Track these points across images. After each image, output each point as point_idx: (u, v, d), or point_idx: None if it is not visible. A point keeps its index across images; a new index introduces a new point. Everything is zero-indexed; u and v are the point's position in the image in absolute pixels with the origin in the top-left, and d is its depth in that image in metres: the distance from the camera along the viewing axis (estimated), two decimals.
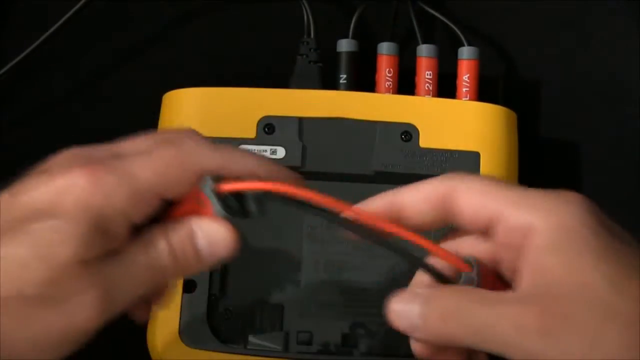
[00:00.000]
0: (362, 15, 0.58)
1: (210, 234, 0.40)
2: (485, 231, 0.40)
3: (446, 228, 0.42)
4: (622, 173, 0.60)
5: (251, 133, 0.54)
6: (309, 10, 0.58)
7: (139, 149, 0.39)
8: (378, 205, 0.41)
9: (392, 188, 0.53)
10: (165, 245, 0.39)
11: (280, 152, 0.53)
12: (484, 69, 0.58)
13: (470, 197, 0.39)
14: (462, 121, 0.54)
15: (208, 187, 0.39)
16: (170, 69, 0.61)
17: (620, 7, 0.61)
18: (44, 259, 0.36)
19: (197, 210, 0.40)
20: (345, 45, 0.58)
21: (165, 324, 0.52)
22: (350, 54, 0.57)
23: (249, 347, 0.52)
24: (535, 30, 0.62)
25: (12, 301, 0.36)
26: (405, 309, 0.39)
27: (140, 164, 0.38)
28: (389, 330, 0.52)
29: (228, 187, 0.40)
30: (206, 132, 0.49)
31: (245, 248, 0.53)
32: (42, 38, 0.58)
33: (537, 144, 0.60)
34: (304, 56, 0.57)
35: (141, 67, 0.61)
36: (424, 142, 0.54)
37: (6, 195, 0.38)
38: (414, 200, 0.41)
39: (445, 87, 0.57)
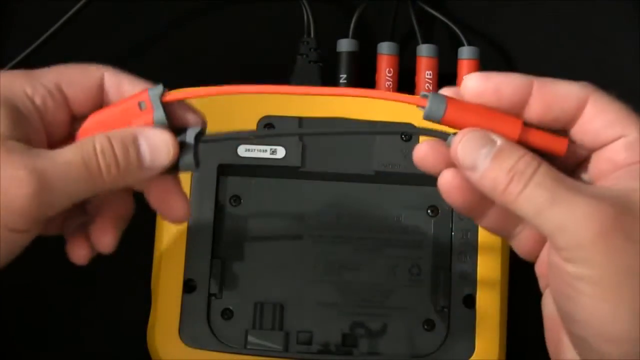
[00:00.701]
0: (362, 15, 0.58)
1: (152, 138, 0.40)
2: (595, 144, 0.39)
3: None
4: None
5: None
6: (309, 10, 0.58)
7: None
8: (518, 81, 0.39)
9: (392, 188, 0.54)
10: (106, 143, 0.39)
11: (280, 152, 0.53)
12: (484, 69, 0.58)
13: (602, 112, 0.39)
14: None
15: (154, 91, 0.40)
16: (170, 69, 0.61)
17: (620, 7, 0.61)
18: None
19: (137, 121, 0.40)
20: (345, 45, 0.58)
21: (165, 324, 0.52)
22: (350, 54, 0.57)
23: (249, 347, 0.52)
24: (535, 30, 0.62)
25: None
26: (475, 148, 0.38)
27: (42, 69, 0.41)
28: (389, 330, 0.52)
29: (172, 96, 0.40)
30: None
31: (246, 247, 0.53)
32: (42, 38, 0.58)
33: None
34: (304, 56, 0.57)
35: (141, 67, 0.61)
36: None
37: None
38: (551, 96, 0.39)
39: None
